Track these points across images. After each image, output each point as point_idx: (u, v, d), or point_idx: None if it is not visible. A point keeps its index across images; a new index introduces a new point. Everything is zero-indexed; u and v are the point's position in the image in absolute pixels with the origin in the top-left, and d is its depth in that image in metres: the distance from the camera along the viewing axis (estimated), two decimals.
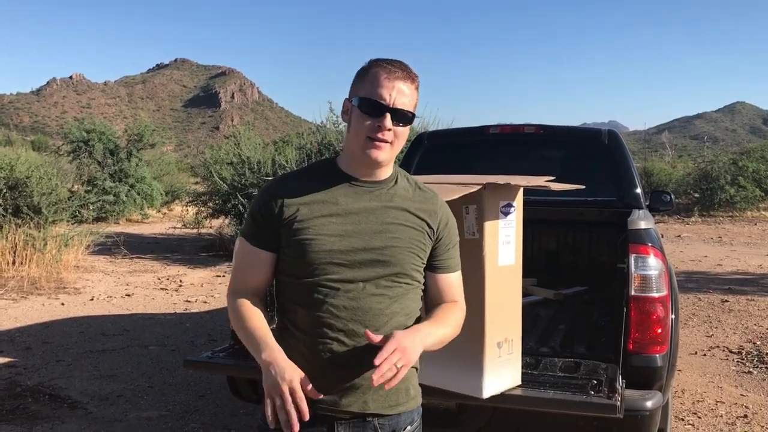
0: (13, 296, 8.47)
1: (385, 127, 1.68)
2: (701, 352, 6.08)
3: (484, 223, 2.31)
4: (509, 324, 2.47)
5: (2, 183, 10.55)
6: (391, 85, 1.69)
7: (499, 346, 2.38)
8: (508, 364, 2.46)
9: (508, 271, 2.43)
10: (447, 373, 2.40)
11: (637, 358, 2.67)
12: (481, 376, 2.34)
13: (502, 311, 2.41)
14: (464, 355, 2.34)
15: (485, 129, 4.87)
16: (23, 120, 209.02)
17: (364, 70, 1.75)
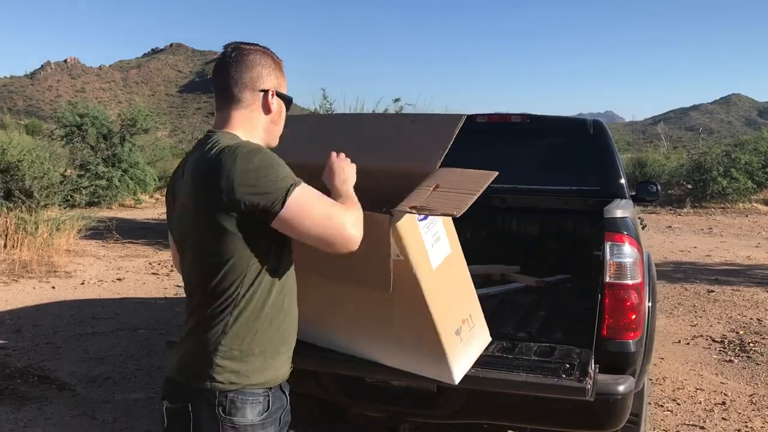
0: (4, 279, 8.49)
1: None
2: (684, 341, 6.16)
3: (405, 246, 2.20)
4: (463, 305, 2.50)
5: None
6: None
7: (458, 333, 2.41)
8: (472, 338, 2.51)
9: (447, 263, 2.40)
10: (422, 364, 2.48)
11: (610, 344, 2.73)
12: (448, 368, 2.40)
13: (452, 302, 2.43)
14: (429, 353, 2.41)
15: (472, 118, 4.89)
16: (17, 103, 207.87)
17: (278, 62, 1.89)
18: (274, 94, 1.84)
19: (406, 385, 2.83)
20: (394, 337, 2.49)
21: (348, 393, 2.94)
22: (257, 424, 1.72)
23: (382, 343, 2.55)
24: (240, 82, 1.79)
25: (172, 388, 1.78)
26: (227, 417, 1.69)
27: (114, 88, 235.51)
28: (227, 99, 1.81)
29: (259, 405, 1.74)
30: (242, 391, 1.71)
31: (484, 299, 2.79)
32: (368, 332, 2.57)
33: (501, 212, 4.74)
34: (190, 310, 1.79)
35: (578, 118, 4.87)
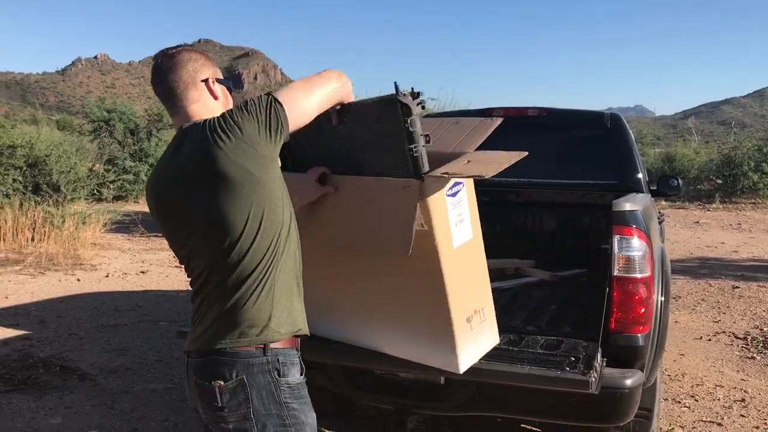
0: (31, 272, 8.66)
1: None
2: (706, 337, 6.08)
3: (431, 214, 2.25)
4: (477, 296, 2.50)
5: (22, 161, 10.74)
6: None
7: (469, 321, 2.42)
8: (482, 332, 2.51)
9: (467, 247, 2.42)
10: (428, 351, 2.48)
11: (618, 338, 2.71)
12: (455, 355, 2.39)
13: (467, 288, 2.43)
14: (437, 336, 2.41)
15: (489, 111, 4.88)
16: (49, 99, 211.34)
17: (205, 54, 2.05)
18: (214, 81, 2.01)
19: (413, 378, 2.84)
20: (404, 320, 2.51)
21: (356, 385, 2.96)
22: (301, 383, 1.89)
23: (390, 329, 2.57)
24: (181, 81, 1.93)
25: (212, 366, 1.83)
26: (282, 379, 1.82)
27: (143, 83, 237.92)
28: (178, 101, 1.94)
29: (298, 365, 1.89)
30: (284, 351, 1.85)
31: (497, 293, 2.79)
32: (377, 317, 2.60)
33: (517, 206, 4.72)
34: (206, 293, 1.88)
35: (595, 111, 4.82)
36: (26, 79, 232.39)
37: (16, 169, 10.65)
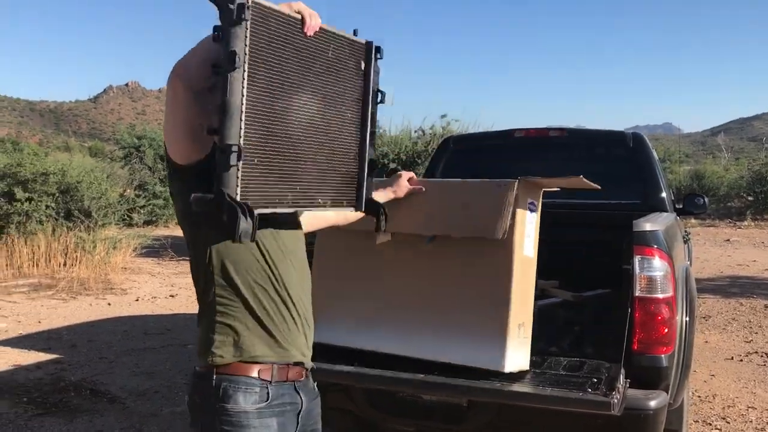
0: (63, 296, 8.82)
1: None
2: (737, 358, 5.99)
3: (516, 215, 2.56)
4: (526, 310, 2.68)
5: (55, 187, 10.96)
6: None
7: (519, 328, 2.59)
8: (524, 346, 2.66)
9: (528, 262, 2.67)
10: (472, 350, 2.61)
11: (642, 358, 2.70)
12: (504, 352, 2.54)
13: (522, 298, 2.63)
14: (489, 332, 2.58)
15: (510, 133, 4.91)
16: (81, 126, 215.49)
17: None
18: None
19: (436, 400, 2.85)
20: (457, 321, 2.68)
21: (378, 407, 2.98)
22: (246, 411, 1.75)
23: (438, 333, 2.71)
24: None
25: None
26: (220, 404, 1.74)
27: None
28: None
29: (252, 394, 1.76)
30: (232, 377, 1.76)
31: None
32: (427, 322, 2.74)
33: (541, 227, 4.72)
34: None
35: (617, 131, 4.82)
36: (59, 107, 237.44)
37: (49, 196, 10.87)
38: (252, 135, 1.56)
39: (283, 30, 1.63)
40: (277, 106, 1.63)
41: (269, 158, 1.62)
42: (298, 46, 1.68)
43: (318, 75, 1.74)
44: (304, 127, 1.71)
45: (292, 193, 1.71)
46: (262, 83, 1.58)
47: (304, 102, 1.71)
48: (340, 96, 1.82)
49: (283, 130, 1.65)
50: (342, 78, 1.82)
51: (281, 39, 1.63)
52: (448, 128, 12.77)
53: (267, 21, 1.58)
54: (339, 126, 1.83)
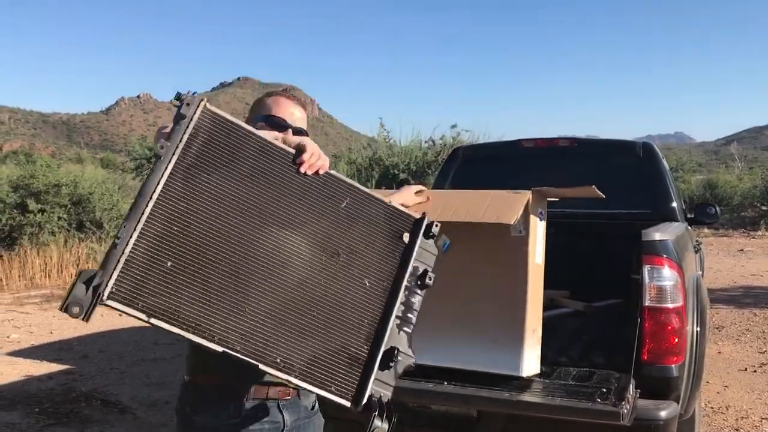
0: None
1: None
2: (751, 369, 5.93)
3: (529, 222, 2.63)
4: (537, 317, 2.74)
5: (67, 199, 11.06)
6: (290, 108, 1.99)
7: (533, 333, 2.66)
8: (536, 351, 2.72)
9: (539, 270, 2.74)
10: (488, 356, 2.68)
11: (652, 368, 2.69)
12: (521, 357, 2.61)
13: (534, 304, 2.70)
14: (505, 338, 2.64)
15: (520, 143, 4.91)
16: (93, 138, 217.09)
17: (261, 100, 2.04)
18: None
19: (446, 410, 2.85)
20: (474, 329, 2.74)
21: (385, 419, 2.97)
22: (220, 428, 1.74)
23: (455, 341, 2.76)
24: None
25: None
26: (194, 417, 1.78)
27: None
28: None
29: (226, 411, 1.74)
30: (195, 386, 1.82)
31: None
32: (444, 331, 2.78)
33: (549, 236, 4.71)
34: None
35: (627, 141, 4.81)
36: (72, 119, 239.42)
37: (61, 207, 10.96)
38: (163, 233, 1.43)
39: (249, 150, 1.55)
40: (215, 221, 1.48)
41: (194, 273, 1.45)
42: (280, 177, 1.57)
43: (314, 218, 1.59)
44: (269, 264, 1.52)
45: (220, 327, 1.45)
46: (194, 188, 1.47)
47: (275, 236, 1.53)
48: (356, 257, 1.61)
49: (222, 251, 1.48)
50: (366, 239, 1.63)
51: (246, 157, 1.54)
52: (458, 138, 12.79)
53: (220, 133, 1.52)
54: (344, 290, 1.59)
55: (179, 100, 1.51)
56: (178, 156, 1.46)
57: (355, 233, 1.62)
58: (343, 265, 1.59)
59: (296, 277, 1.54)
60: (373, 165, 12.78)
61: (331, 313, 1.56)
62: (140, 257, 1.40)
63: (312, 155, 1.63)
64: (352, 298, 1.59)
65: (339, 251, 1.59)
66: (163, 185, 1.44)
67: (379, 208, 1.67)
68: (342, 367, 1.55)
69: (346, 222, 1.62)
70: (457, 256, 2.78)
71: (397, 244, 1.66)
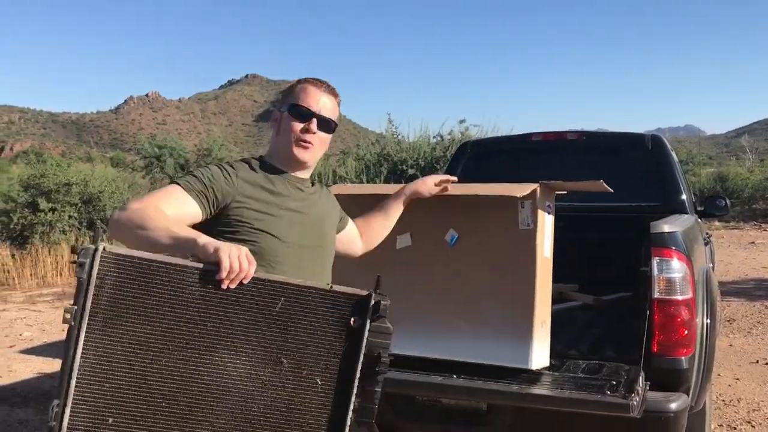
0: None
1: (311, 130, 1.95)
2: (763, 361, 5.90)
3: (537, 216, 2.64)
4: (546, 309, 2.74)
5: (77, 198, 11.12)
6: (317, 96, 1.96)
7: (542, 326, 2.66)
8: (546, 344, 2.72)
9: (547, 263, 2.75)
10: (497, 349, 2.68)
11: (661, 361, 2.68)
12: (530, 350, 2.61)
13: (543, 297, 2.70)
14: (514, 331, 2.64)
15: (528, 136, 4.90)
16: (103, 137, 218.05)
17: (291, 87, 2.02)
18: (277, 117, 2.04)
19: (455, 404, 2.85)
20: (483, 322, 2.74)
21: (399, 412, 2.98)
22: None
23: (464, 334, 2.77)
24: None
25: None
26: None
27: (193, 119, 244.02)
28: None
29: None
30: None
31: None
32: (453, 323, 2.79)
33: (559, 230, 4.71)
34: None
35: (636, 134, 4.79)
36: (81, 118, 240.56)
37: (72, 206, 11.03)
38: (96, 395, 1.44)
39: (161, 280, 1.47)
40: (146, 367, 1.46)
41: (137, 421, 1.46)
42: (202, 299, 1.49)
43: (247, 331, 1.52)
44: (209, 393, 1.50)
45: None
46: (115, 342, 1.45)
47: (209, 363, 1.50)
48: (303, 357, 1.55)
49: (159, 393, 1.47)
50: (310, 335, 1.56)
51: (160, 289, 1.47)
52: (466, 133, 12.76)
53: (127, 272, 1.46)
54: (296, 395, 1.55)
55: (76, 254, 1.46)
56: (88, 317, 1.43)
57: (298, 333, 1.54)
58: (291, 370, 1.54)
59: (241, 397, 1.51)
60: (382, 161, 12.77)
61: (287, 422, 1.53)
62: (81, 425, 1.42)
63: (231, 269, 1.49)
64: (306, 401, 1.55)
65: (281, 358, 1.53)
66: (81, 353, 1.41)
67: (318, 299, 1.56)
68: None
69: (285, 324, 1.54)
70: (466, 249, 2.80)
71: (344, 332, 1.56)
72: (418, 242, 2.86)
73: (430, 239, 2.82)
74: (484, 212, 2.76)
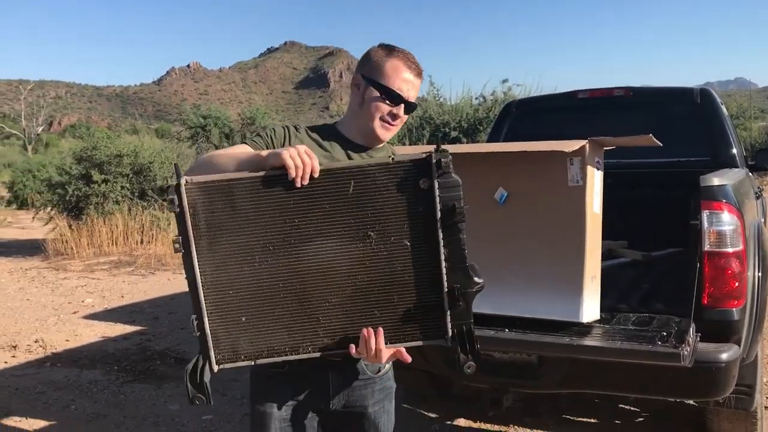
0: (142, 272, 9.23)
1: (399, 115, 1.94)
2: None
3: (586, 172, 2.66)
4: (596, 264, 2.79)
5: (128, 168, 11.40)
6: (410, 81, 1.93)
7: (592, 280, 2.71)
8: (596, 298, 2.77)
9: (596, 218, 2.78)
10: (548, 304, 2.74)
11: (712, 312, 2.71)
12: (580, 304, 2.67)
13: (593, 252, 2.75)
14: (566, 285, 2.71)
15: (574, 94, 4.88)
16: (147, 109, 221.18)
17: (379, 55, 1.94)
18: (360, 83, 1.96)
19: (508, 358, 2.94)
20: (533, 277, 2.81)
21: (453, 365, 3.07)
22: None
23: (515, 288, 2.84)
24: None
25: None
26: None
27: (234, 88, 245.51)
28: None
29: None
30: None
31: None
32: (503, 278, 2.85)
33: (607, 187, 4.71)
34: None
35: (684, 88, 4.73)
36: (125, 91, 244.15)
37: (124, 177, 11.32)
38: (224, 303, 1.65)
39: (243, 194, 1.62)
40: (254, 268, 1.64)
41: (265, 315, 1.66)
42: (283, 200, 1.63)
43: (331, 217, 1.65)
44: (316, 276, 1.66)
45: (309, 339, 1.69)
46: (224, 255, 1.63)
47: (308, 252, 1.65)
48: (387, 226, 1.66)
49: (274, 288, 1.65)
50: (387, 206, 1.66)
51: (244, 201, 1.62)
52: (509, 94, 12.64)
53: (212, 196, 1.61)
54: (391, 260, 1.67)
55: (164, 192, 1.64)
56: (194, 241, 1.61)
57: (376, 206, 1.65)
58: (379, 241, 1.66)
59: (345, 272, 1.66)
60: (424, 124, 12.76)
61: (389, 285, 1.68)
62: (221, 328, 1.67)
63: (296, 166, 1.60)
64: (401, 263, 1.67)
65: (368, 232, 1.65)
66: (199, 271, 1.62)
67: (384, 173, 1.65)
68: (421, 320, 1.69)
69: (362, 202, 1.65)
70: (515, 207, 2.86)
71: (417, 194, 1.65)
72: (467, 200, 2.91)
73: (480, 197, 2.87)
74: (533, 170, 2.79)
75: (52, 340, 6.04)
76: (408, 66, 1.92)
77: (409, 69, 1.92)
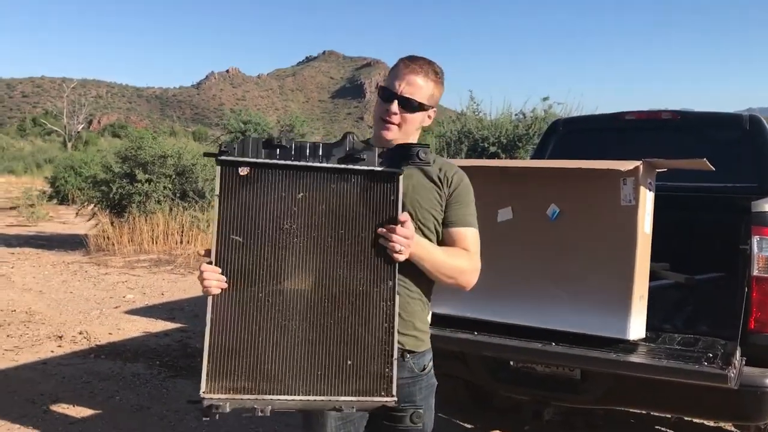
0: (182, 271, 9.41)
1: (392, 111, 1.96)
2: None
3: (639, 192, 2.75)
4: (644, 284, 2.85)
5: (172, 169, 11.63)
6: (404, 77, 1.96)
7: (641, 299, 2.78)
8: (642, 317, 2.84)
9: (647, 239, 2.86)
10: (596, 320, 2.82)
11: (758, 337, 2.74)
12: (628, 321, 2.74)
13: (642, 272, 2.82)
14: (613, 303, 2.77)
15: (621, 115, 4.92)
16: (185, 112, 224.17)
17: (394, 64, 2.04)
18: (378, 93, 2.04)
19: (550, 371, 2.99)
20: (582, 293, 2.89)
21: (495, 376, 3.14)
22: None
23: (564, 304, 2.92)
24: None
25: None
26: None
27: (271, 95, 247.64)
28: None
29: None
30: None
31: None
32: (552, 293, 2.94)
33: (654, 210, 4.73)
34: None
35: (733, 114, 4.75)
36: (165, 93, 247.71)
37: (167, 177, 11.55)
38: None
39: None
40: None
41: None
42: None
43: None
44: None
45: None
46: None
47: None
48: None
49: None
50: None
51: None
52: (550, 111, 12.66)
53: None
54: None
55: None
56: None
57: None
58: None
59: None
60: (462, 138, 12.82)
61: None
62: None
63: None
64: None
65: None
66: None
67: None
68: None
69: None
70: (567, 224, 2.92)
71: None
72: (519, 216, 2.99)
73: (531, 213, 2.94)
74: (586, 187, 2.86)
75: (96, 333, 6.21)
76: (406, 66, 1.98)
77: (407, 65, 1.97)
